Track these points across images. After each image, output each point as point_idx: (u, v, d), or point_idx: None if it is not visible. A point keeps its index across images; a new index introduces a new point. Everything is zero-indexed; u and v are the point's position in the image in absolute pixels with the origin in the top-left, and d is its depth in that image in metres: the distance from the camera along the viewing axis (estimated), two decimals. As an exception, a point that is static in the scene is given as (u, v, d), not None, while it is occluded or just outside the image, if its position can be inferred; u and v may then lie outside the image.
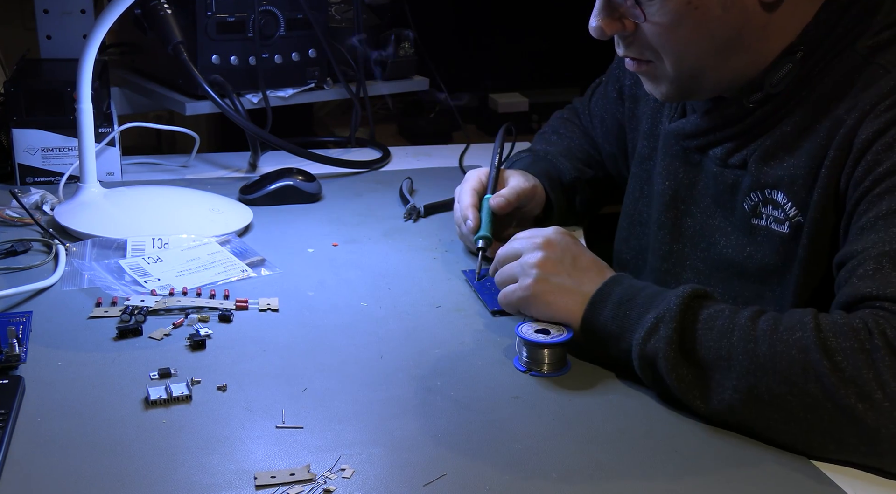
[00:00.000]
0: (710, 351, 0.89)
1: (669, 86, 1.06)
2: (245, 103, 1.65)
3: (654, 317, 0.93)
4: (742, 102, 1.04)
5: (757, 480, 0.83)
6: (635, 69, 1.08)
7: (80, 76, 1.28)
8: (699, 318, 0.91)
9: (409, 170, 1.64)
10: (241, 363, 0.99)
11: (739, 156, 1.07)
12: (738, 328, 0.89)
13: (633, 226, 1.26)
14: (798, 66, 1.00)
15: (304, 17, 1.70)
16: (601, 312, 0.98)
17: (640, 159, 1.24)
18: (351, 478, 0.81)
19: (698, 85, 1.05)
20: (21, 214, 1.33)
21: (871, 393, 0.81)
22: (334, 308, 1.13)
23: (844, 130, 0.95)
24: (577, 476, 0.83)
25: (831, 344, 0.84)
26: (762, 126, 1.04)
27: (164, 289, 1.14)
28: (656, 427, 0.90)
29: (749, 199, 1.06)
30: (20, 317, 1.06)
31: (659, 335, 0.91)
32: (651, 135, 1.23)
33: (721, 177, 1.09)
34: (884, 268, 0.87)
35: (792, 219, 1.01)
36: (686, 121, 1.13)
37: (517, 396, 0.95)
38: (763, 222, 1.05)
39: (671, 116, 1.18)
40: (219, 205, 1.39)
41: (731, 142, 1.07)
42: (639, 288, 0.98)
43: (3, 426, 0.85)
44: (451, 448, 0.86)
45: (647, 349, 0.92)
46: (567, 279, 1.02)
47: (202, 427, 0.88)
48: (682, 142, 1.14)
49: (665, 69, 1.04)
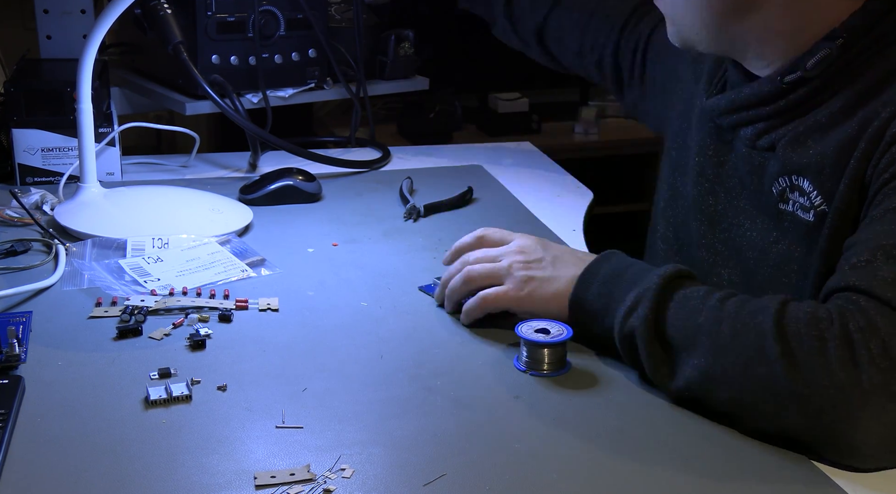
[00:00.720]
0: (678, 329, 0.92)
1: (671, 27, 1.10)
2: (245, 103, 1.65)
3: (635, 295, 0.95)
4: (776, 81, 1.04)
5: (757, 480, 0.83)
6: (661, 7, 1.10)
7: (80, 76, 1.28)
8: (674, 297, 0.93)
9: (409, 170, 1.64)
10: (241, 363, 0.99)
11: (768, 138, 1.06)
12: (707, 308, 0.91)
13: (676, 199, 1.23)
14: (836, 54, 0.99)
15: (304, 17, 1.70)
16: (588, 289, 1.01)
17: (677, 131, 1.23)
18: (351, 478, 0.81)
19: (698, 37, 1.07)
20: (21, 214, 1.33)
21: (819, 379, 0.82)
22: (334, 308, 1.13)
23: (878, 123, 0.95)
24: (577, 476, 0.83)
25: (788, 330, 0.85)
26: (795, 110, 1.04)
27: (164, 289, 1.14)
28: (656, 427, 0.90)
29: (777, 184, 1.05)
30: (20, 317, 1.06)
31: (637, 313, 0.94)
32: (689, 108, 1.21)
33: (749, 159, 1.09)
34: (875, 261, 0.88)
35: (817, 207, 1.01)
36: (721, 97, 1.12)
37: (517, 396, 0.95)
38: (790, 208, 1.04)
39: (709, 92, 1.16)
40: (219, 205, 1.39)
41: (763, 122, 1.07)
42: (626, 265, 1.01)
43: (3, 426, 0.85)
44: (451, 448, 0.86)
45: (625, 327, 0.95)
46: (552, 271, 1.05)
47: (202, 427, 0.88)
48: (717, 119, 1.13)
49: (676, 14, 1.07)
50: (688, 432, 0.90)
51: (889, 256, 0.87)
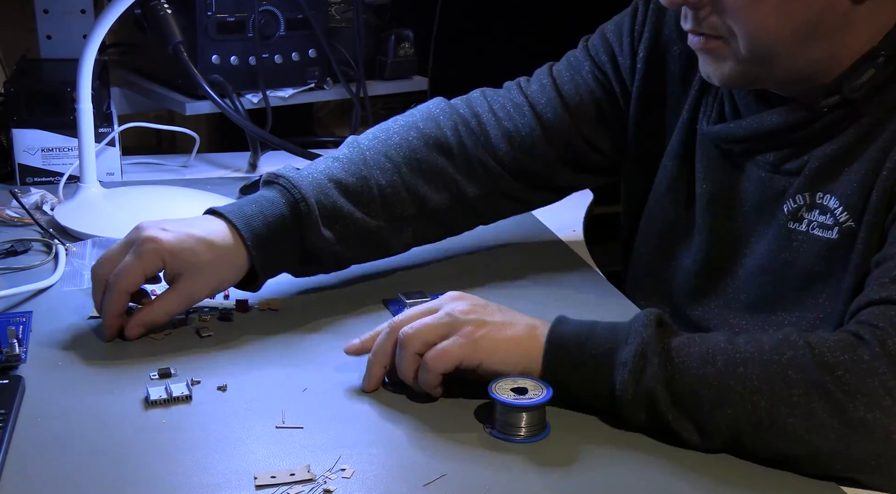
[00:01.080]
0: (694, 379, 0.85)
1: (736, 66, 0.99)
2: (245, 103, 1.65)
3: (633, 354, 0.86)
4: (814, 106, 0.99)
5: (757, 480, 0.83)
6: (701, 46, 1.01)
7: (80, 76, 1.28)
8: (672, 347, 0.86)
9: (409, 170, 1.64)
10: (241, 363, 0.99)
11: (797, 161, 1.02)
12: (720, 352, 0.85)
13: (654, 222, 1.19)
14: (880, 71, 0.96)
15: (304, 17, 1.70)
16: (565, 350, 0.90)
17: (675, 154, 1.16)
18: (351, 478, 0.81)
19: (766, 72, 0.99)
20: (21, 214, 1.33)
21: (880, 400, 0.80)
22: (334, 308, 1.13)
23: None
24: (577, 475, 0.83)
25: (828, 359, 0.82)
26: (828, 131, 1.00)
27: (164, 289, 1.14)
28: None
29: (791, 202, 1.01)
30: (20, 317, 1.06)
31: (647, 374, 0.85)
32: (688, 130, 1.14)
33: (769, 183, 1.04)
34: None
35: (842, 223, 0.97)
36: (735, 126, 1.06)
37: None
38: (803, 227, 1.00)
39: (709, 116, 1.11)
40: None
41: (791, 147, 1.02)
42: (590, 324, 0.91)
43: (3, 426, 0.85)
44: (451, 448, 0.86)
45: (640, 392, 0.86)
46: (503, 316, 0.93)
47: (202, 427, 0.88)
48: (723, 147, 1.08)
49: (735, 48, 0.98)
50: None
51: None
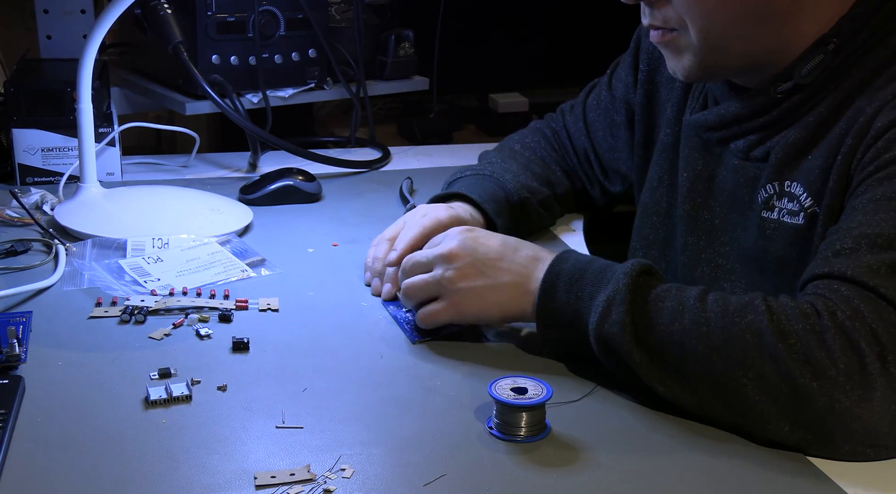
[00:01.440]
0: (661, 334, 0.90)
1: (693, 59, 1.04)
2: (245, 103, 1.65)
3: (605, 299, 0.93)
4: (769, 92, 1.03)
5: (757, 481, 0.83)
6: (658, 40, 1.06)
7: (80, 76, 1.28)
8: (649, 299, 0.92)
9: (409, 170, 1.64)
10: (241, 363, 0.99)
11: (762, 148, 1.06)
12: (688, 310, 0.89)
13: (649, 216, 1.24)
14: (829, 58, 1.00)
15: (304, 17, 1.70)
16: (554, 296, 0.97)
17: (663, 147, 1.22)
18: (351, 478, 0.81)
19: (722, 59, 1.04)
20: (21, 214, 1.33)
21: (826, 369, 0.82)
22: (334, 308, 1.13)
23: (863, 119, 0.96)
24: (578, 476, 0.83)
25: (784, 327, 0.85)
26: (788, 118, 1.04)
27: (164, 289, 1.14)
28: (656, 427, 0.90)
29: (763, 192, 1.05)
30: (20, 317, 1.06)
31: (612, 319, 0.91)
32: (675, 124, 1.20)
33: (742, 171, 1.08)
34: (860, 250, 0.88)
35: (807, 209, 1.01)
36: (709, 113, 1.11)
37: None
38: (774, 215, 1.04)
39: (693, 108, 1.16)
40: (219, 205, 1.39)
41: (755, 134, 1.07)
42: (586, 264, 0.98)
43: (3, 426, 0.85)
44: (451, 448, 0.86)
45: (602, 333, 0.92)
46: (485, 278, 1.01)
47: (202, 427, 0.88)
48: (703, 134, 1.13)
49: (690, 40, 1.02)
50: (688, 432, 0.90)
51: (874, 245, 0.88)
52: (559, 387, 0.94)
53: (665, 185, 1.22)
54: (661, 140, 1.23)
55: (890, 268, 0.86)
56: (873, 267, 0.86)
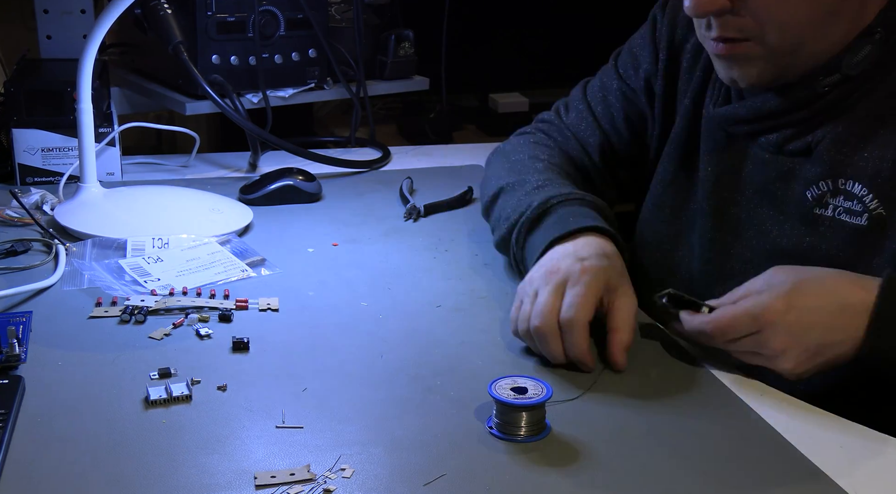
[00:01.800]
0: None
1: (765, 65, 1.02)
2: (245, 103, 1.65)
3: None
4: (814, 86, 1.01)
5: (757, 481, 0.83)
6: (726, 51, 1.02)
7: (80, 76, 1.28)
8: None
9: (409, 170, 1.64)
10: (241, 363, 0.99)
11: (800, 142, 1.03)
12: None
13: (661, 209, 1.20)
14: (878, 47, 0.98)
15: (304, 17, 1.70)
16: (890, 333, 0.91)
17: (676, 140, 1.19)
18: (351, 478, 0.81)
19: (794, 61, 1.01)
20: (21, 214, 1.33)
21: None
22: (334, 308, 1.13)
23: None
24: (578, 476, 0.83)
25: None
26: (832, 110, 1.01)
27: (164, 289, 1.14)
28: (656, 427, 0.90)
29: (815, 189, 1.02)
30: (20, 317, 1.06)
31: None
32: (692, 116, 1.17)
33: (774, 164, 1.06)
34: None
35: (872, 211, 0.98)
36: (739, 106, 1.09)
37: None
38: (829, 212, 1.01)
39: (716, 100, 1.13)
40: (219, 205, 1.39)
41: (793, 127, 1.04)
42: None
43: (3, 426, 0.85)
44: (451, 448, 0.86)
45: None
46: (825, 317, 0.93)
47: (202, 427, 0.88)
48: (730, 128, 1.10)
49: (764, 46, 1.00)
50: (688, 432, 0.90)
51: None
52: (559, 387, 0.95)
53: (681, 179, 1.18)
54: (675, 132, 1.20)
55: None
56: None
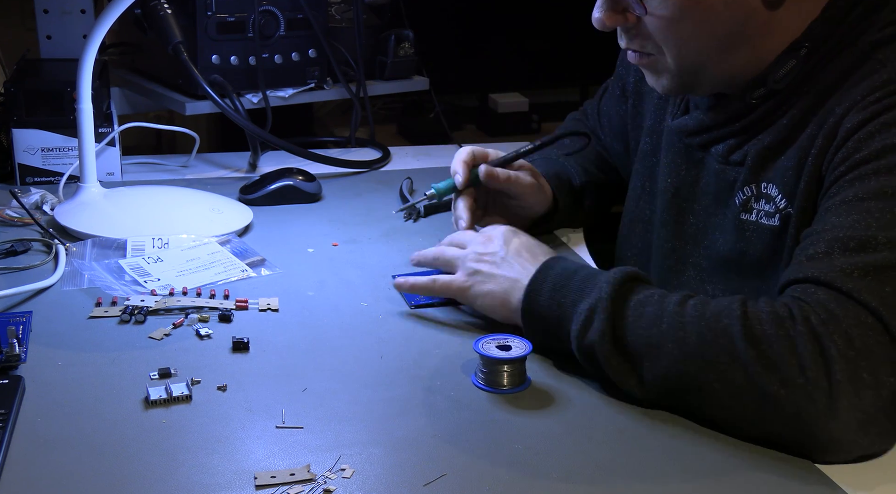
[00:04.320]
0: (640, 339, 0.91)
1: (671, 79, 1.07)
2: (245, 103, 1.65)
3: (588, 307, 0.94)
4: (745, 98, 1.05)
5: (757, 481, 0.83)
6: (637, 62, 1.08)
7: (80, 76, 1.28)
8: (629, 305, 0.93)
9: (409, 170, 1.64)
10: (241, 363, 0.99)
11: (740, 152, 1.07)
12: (667, 315, 0.90)
13: (634, 224, 1.26)
14: (802, 63, 1.00)
15: (304, 17, 1.70)
16: (537, 301, 1.00)
17: (643, 155, 1.24)
18: (351, 478, 0.81)
19: (699, 79, 1.06)
20: (21, 214, 1.33)
21: (794, 377, 0.83)
22: (334, 308, 1.13)
23: (833, 120, 0.96)
24: (577, 476, 0.83)
25: (756, 332, 0.85)
26: (763, 122, 1.04)
27: (164, 289, 1.14)
28: (656, 427, 0.90)
29: (741, 194, 1.06)
30: (20, 317, 1.06)
31: (593, 327, 0.93)
32: (654, 132, 1.23)
33: (722, 175, 1.09)
34: (833, 254, 0.88)
35: (782, 210, 1.02)
36: (689, 118, 1.13)
37: (517, 396, 0.95)
38: (752, 217, 1.05)
39: (674, 113, 1.18)
40: (219, 205, 1.39)
41: (734, 138, 1.08)
42: (572, 272, 1.00)
43: (3, 426, 0.85)
44: (451, 448, 0.86)
45: (584, 342, 0.94)
46: (498, 269, 1.05)
47: (202, 427, 0.88)
48: (685, 140, 1.14)
49: (666, 62, 1.05)
50: (688, 433, 0.90)
51: (846, 248, 0.88)
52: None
53: (647, 193, 1.23)
54: (641, 148, 1.25)
55: (863, 271, 0.85)
56: (846, 271, 0.86)
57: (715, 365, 0.86)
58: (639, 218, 1.25)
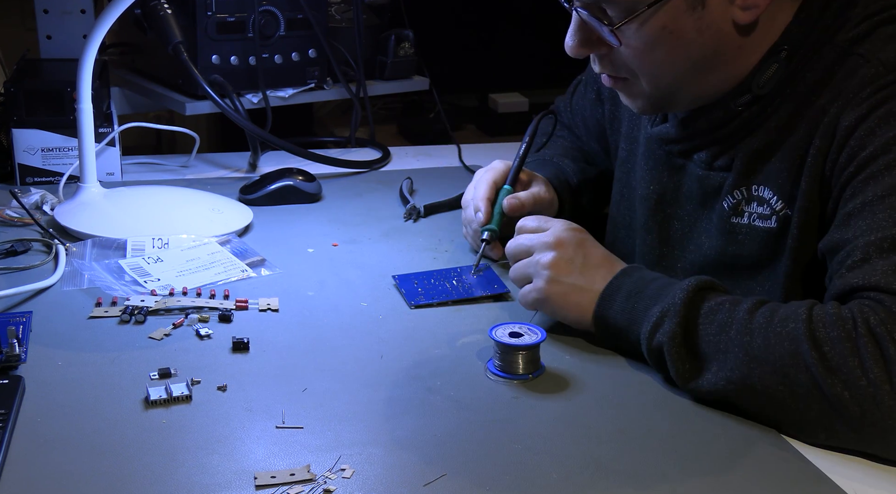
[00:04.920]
0: (709, 345, 0.92)
1: (646, 101, 1.07)
2: (245, 103, 1.65)
3: (660, 311, 0.95)
4: (729, 106, 1.04)
5: (757, 481, 0.83)
6: (611, 85, 1.08)
7: (80, 76, 1.28)
8: (701, 312, 0.94)
9: (409, 170, 1.64)
10: (241, 363, 0.99)
11: (726, 158, 1.07)
12: (736, 322, 0.91)
13: (617, 230, 1.26)
14: (783, 65, 1.00)
15: (304, 17, 1.70)
16: (611, 306, 1.00)
17: (620, 162, 1.25)
18: (351, 478, 0.81)
19: (674, 100, 1.06)
20: (21, 214, 1.33)
21: (856, 380, 0.83)
22: (334, 308, 1.13)
23: (828, 119, 0.97)
24: (577, 476, 0.83)
25: (819, 335, 0.86)
26: (749, 126, 1.04)
27: (164, 289, 1.14)
28: (656, 427, 0.90)
29: (731, 198, 1.06)
30: (20, 317, 1.06)
31: (663, 329, 0.94)
32: (630, 138, 1.23)
33: (707, 181, 1.09)
34: (870, 258, 0.89)
35: (779, 212, 1.02)
36: (669, 126, 1.13)
37: (517, 396, 0.95)
38: (745, 220, 1.05)
39: (652, 120, 1.17)
40: (219, 205, 1.39)
41: (718, 145, 1.07)
42: (648, 281, 1.00)
43: (3, 426, 0.85)
44: (451, 448, 0.86)
45: (653, 343, 0.95)
46: (579, 278, 1.03)
47: (202, 427, 0.88)
48: (665, 147, 1.14)
49: (641, 87, 1.05)
50: (688, 432, 0.90)
51: (882, 250, 0.89)
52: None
53: (626, 199, 1.23)
54: (619, 154, 1.25)
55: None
56: (888, 272, 0.87)
57: (780, 368, 0.87)
58: (621, 223, 1.25)
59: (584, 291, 1.03)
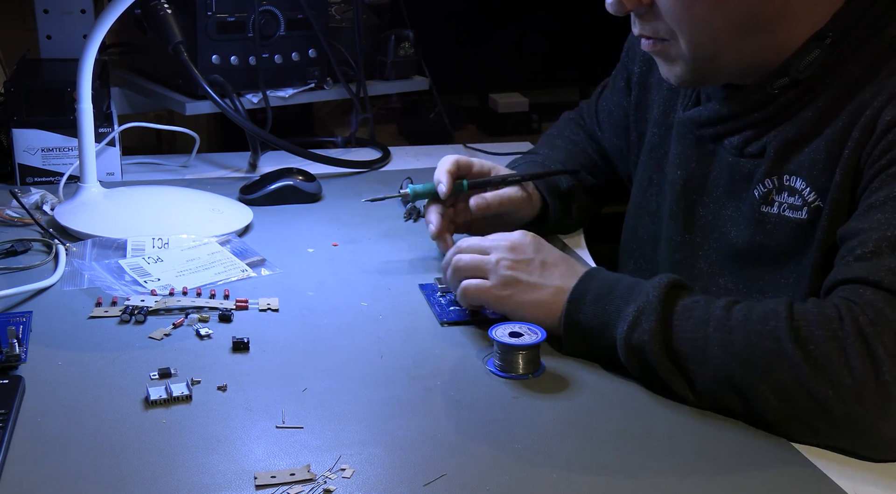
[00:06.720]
0: (687, 342, 0.91)
1: (685, 67, 1.06)
2: (245, 103, 1.65)
3: (635, 310, 0.94)
4: (766, 89, 1.03)
5: (758, 481, 0.83)
6: (650, 49, 1.07)
7: (80, 76, 1.28)
8: (676, 309, 0.93)
9: (409, 170, 1.64)
10: (241, 363, 0.99)
11: (758, 144, 1.06)
12: (713, 319, 0.91)
13: (642, 216, 1.25)
14: (826, 53, 1.00)
15: (304, 17, 1.70)
16: (581, 310, 0.99)
17: (650, 147, 1.23)
18: (351, 478, 0.81)
19: (714, 67, 1.05)
20: (21, 214, 1.33)
21: (841, 378, 0.83)
22: (334, 308, 1.13)
23: (870, 112, 0.96)
24: (577, 476, 0.83)
25: (803, 333, 0.85)
26: (784, 113, 1.03)
27: (164, 289, 1.14)
28: (656, 427, 0.90)
29: (762, 186, 1.05)
30: (20, 317, 1.06)
31: (641, 328, 0.93)
32: (663, 123, 1.22)
33: (736, 167, 1.08)
34: (881, 253, 0.88)
35: (811, 203, 1.01)
36: (703, 109, 1.12)
37: (517, 396, 0.95)
38: (774, 210, 1.04)
39: (685, 104, 1.17)
40: (219, 205, 1.39)
41: (751, 130, 1.06)
42: (614, 281, 1.00)
43: (3, 426, 0.85)
44: (451, 448, 0.86)
45: (632, 342, 0.94)
46: (538, 277, 1.04)
47: (202, 427, 0.88)
48: (697, 131, 1.13)
49: (680, 49, 1.04)
50: (688, 432, 0.90)
51: (893, 247, 0.88)
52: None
53: (655, 185, 1.22)
54: (649, 140, 1.24)
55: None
56: (893, 271, 0.86)
57: (762, 368, 0.87)
58: (646, 210, 1.24)
59: (544, 289, 1.03)
